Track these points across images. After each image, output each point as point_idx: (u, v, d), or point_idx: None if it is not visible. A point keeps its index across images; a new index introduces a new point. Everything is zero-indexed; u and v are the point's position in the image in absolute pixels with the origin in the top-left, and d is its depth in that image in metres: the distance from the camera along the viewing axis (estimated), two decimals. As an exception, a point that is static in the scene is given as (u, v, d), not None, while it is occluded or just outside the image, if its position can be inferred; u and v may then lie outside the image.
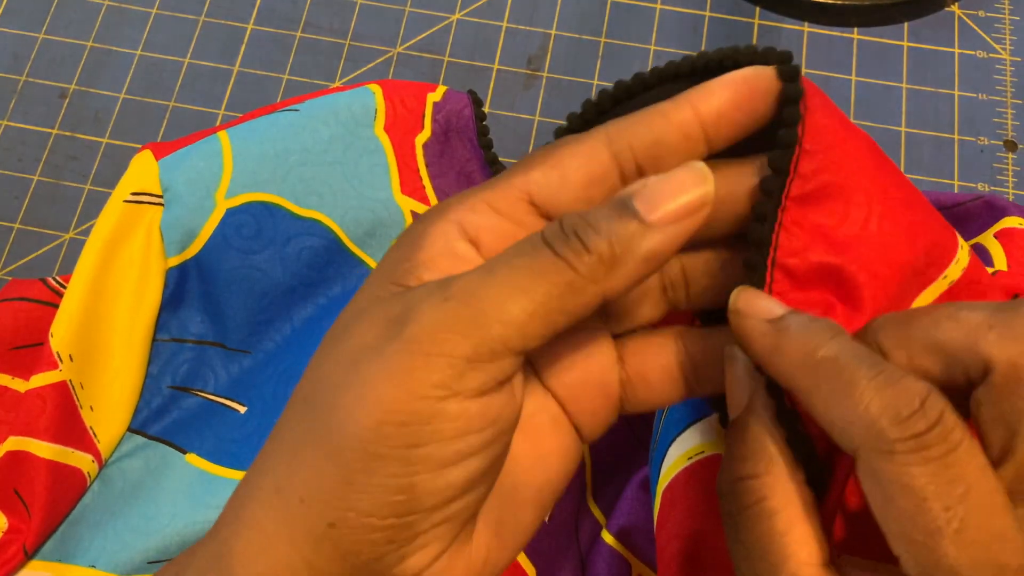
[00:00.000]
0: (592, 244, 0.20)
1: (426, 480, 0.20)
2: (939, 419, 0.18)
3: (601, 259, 0.20)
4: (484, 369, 0.20)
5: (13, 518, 0.34)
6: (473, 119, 0.38)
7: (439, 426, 0.19)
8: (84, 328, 0.36)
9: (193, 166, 0.37)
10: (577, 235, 0.20)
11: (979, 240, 0.35)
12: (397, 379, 0.19)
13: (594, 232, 0.20)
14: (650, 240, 0.20)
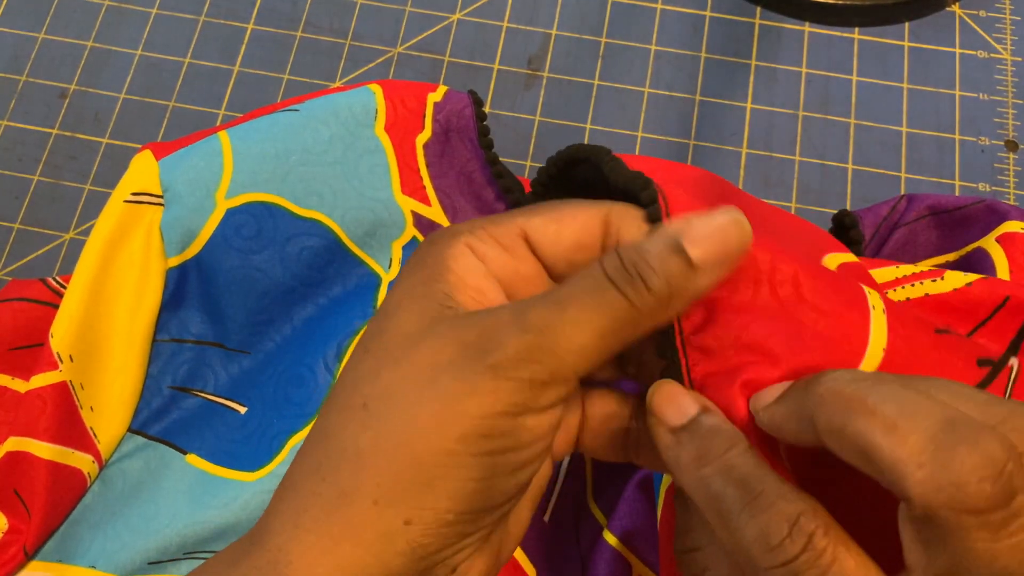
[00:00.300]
0: (653, 284, 0.22)
1: (501, 481, 0.22)
2: (808, 544, 0.19)
3: (660, 300, 0.22)
4: (555, 391, 0.22)
5: (13, 519, 0.34)
6: (474, 119, 0.38)
7: (517, 437, 0.22)
8: (84, 328, 0.36)
9: (193, 166, 0.36)
10: (640, 275, 0.22)
11: (980, 244, 0.35)
12: (482, 398, 0.22)
13: (653, 272, 0.22)
14: (699, 281, 0.23)
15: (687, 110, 0.46)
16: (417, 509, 0.22)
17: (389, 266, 0.39)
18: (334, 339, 0.37)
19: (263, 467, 0.36)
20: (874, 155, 0.45)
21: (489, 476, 0.22)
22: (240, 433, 0.37)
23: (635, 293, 0.22)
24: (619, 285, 0.22)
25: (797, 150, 0.45)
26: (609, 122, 0.46)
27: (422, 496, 0.22)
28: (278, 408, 0.37)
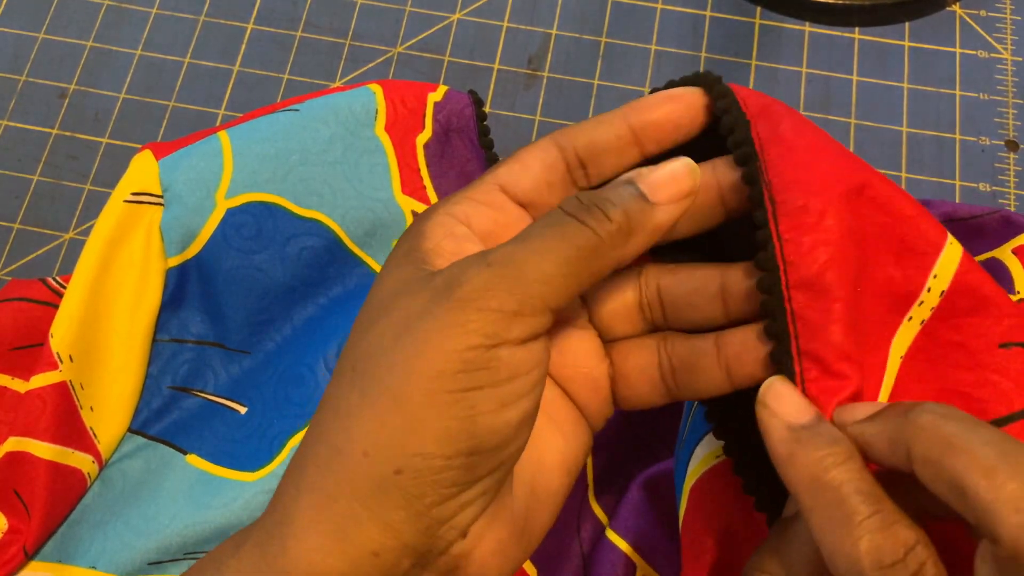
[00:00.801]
0: (612, 215, 0.23)
1: (487, 419, 0.22)
2: (918, 570, 0.20)
3: (620, 228, 0.23)
4: (527, 322, 0.22)
5: (13, 519, 0.34)
6: (474, 119, 0.38)
7: (494, 370, 0.22)
8: (84, 328, 0.36)
9: (193, 166, 0.36)
10: (598, 207, 0.23)
11: (995, 254, 0.35)
12: (453, 331, 0.22)
13: (612, 205, 0.23)
14: (657, 216, 0.24)
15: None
16: (407, 456, 0.21)
17: (389, 266, 0.39)
18: (334, 339, 0.37)
19: (263, 467, 0.36)
20: (874, 155, 0.45)
21: (470, 414, 0.22)
22: (240, 433, 0.37)
23: (595, 221, 0.23)
24: (578, 216, 0.23)
25: (797, 150, 0.45)
26: (609, 122, 0.46)
27: (408, 441, 0.21)
28: (278, 408, 0.37)
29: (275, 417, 0.37)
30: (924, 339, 0.26)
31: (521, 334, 0.22)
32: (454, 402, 0.22)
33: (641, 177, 0.24)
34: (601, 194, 0.24)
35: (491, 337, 0.22)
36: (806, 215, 0.23)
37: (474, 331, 0.22)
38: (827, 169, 0.24)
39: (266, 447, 0.36)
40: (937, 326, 0.25)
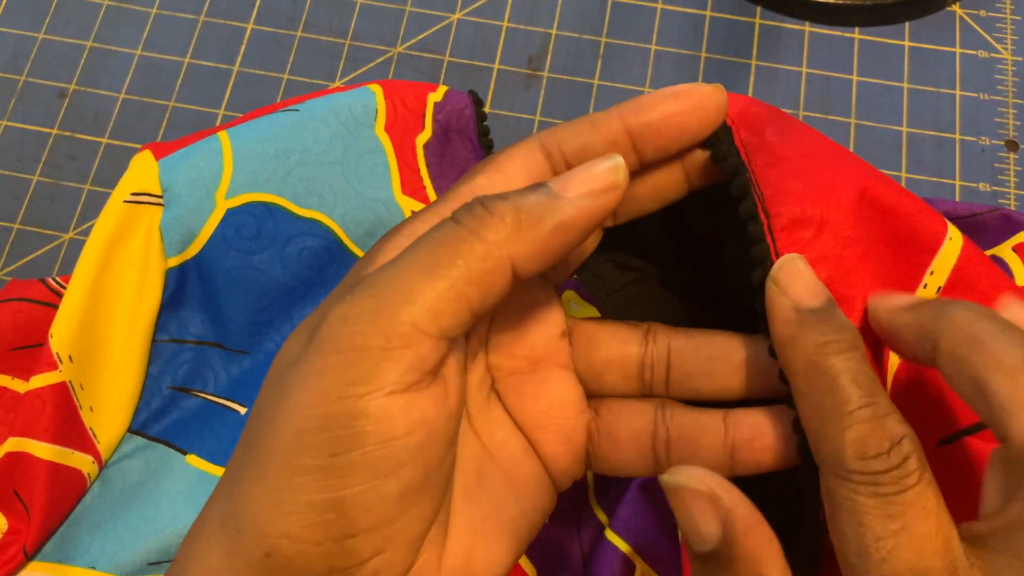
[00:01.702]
0: (497, 208, 0.20)
1: (356, 495, 0.18)
2: (901, 463, 0.19)
3: (503, 221, 0.20)
4: (400, 358, 0.18)
5: (13, 519, 0.34)
6: (474, 119, 0.38)
7: (361, 428, 0.18)
8: (84, 329, 0.36)
9: (193, 166, 0.36)
10: (483, 204, 0.20)
11: (995, 252, 0.35)
12: (310, 382, 0.18)
13: (501, 201, 0.20)
14: (561, 211, 0.20)
15: (687, 110, 0.46)
16: (274, 537, 0.18)
17: (389, 266, 0.39)
18: (334, 339, 0.37)
19: (263, 467, 0.36)
20: (874, 155, 0.45)
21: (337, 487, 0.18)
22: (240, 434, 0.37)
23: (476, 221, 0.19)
24: (460, 219, 0.20)
25: (797, 150, 0.45)
26: (609, 122, 0.46)
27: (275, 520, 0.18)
28: (278, 408, 0.37)
29: (275, 417, 0.37)
30: None
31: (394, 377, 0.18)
32: (316, 471, 0.18)
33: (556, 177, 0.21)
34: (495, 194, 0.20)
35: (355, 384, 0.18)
36: (804, 229, 0.22)
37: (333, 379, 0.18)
38: (820, 175, 0.23)
39: (266, 447, 0.36)
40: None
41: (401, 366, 0.18)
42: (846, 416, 0.20)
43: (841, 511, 0.20)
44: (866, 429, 0.20)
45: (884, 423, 0.20)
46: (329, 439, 0.18)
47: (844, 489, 0.20)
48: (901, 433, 0.20)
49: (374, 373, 0.18)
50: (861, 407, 0.20)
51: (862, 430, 0.20)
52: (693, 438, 0.24)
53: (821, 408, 0.20)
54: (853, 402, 0.20)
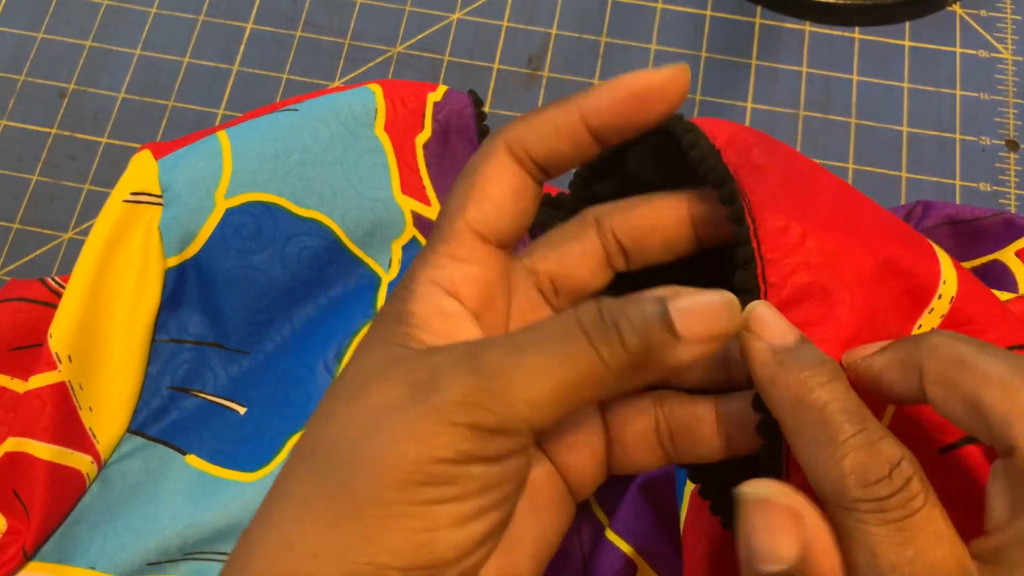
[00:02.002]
0: (629, 343, 0.21)
1: (447, 534, 0.20)
2: (903, 487, 0.19)
3: (633, 360, 0.21)
4: (506, 442, 0.21)
5: (12, 519, 0.34)
6: (474, 119, 0.38)
7: (462, 486, 0.20)
8: (83, 329, 0.36)
9: (192, 166, 0.36)
10: (617, 329, 0.21)
11: (998, 256, 0.35)
12: (423, 441, 0.20)
13: (632, 328, 0.21)
14: (681, 354, 0.21)
15: (687, 110, 0.46)
16: (356, 563, 0.20)
17: (389, 266, 0.38)
18: (334, 339, 0.37)
19: (263, 467, 0.36)
20: (875, 155, 0.45)
21: (432, 528, 0.20)
22: (240, 433, 0.37)
23: (608, 348, 0.21)
24: (591, 336, 0.21)
25: (798, 150, 0.45)
26: (609, 122, 0.46)
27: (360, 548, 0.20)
28: (278, 408, 0.37)
29: (274, 417, 0.37)
30: None
31: (497, 452, 0.21)
32: (414, 514, 0.20)
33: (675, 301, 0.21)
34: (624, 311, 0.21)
35: (463, 454, 0.20)
36: (787, 236, 0.23)
37: (445, 445, 0.20)
38: (803, 197, 0.24)
39: (265, 447, 0.36)
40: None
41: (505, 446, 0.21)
42: (840, 445, 0.20)
43: (852, 543, 0.19)
44: (863, 456, 0.19)
45: (880, 447, 0.20)
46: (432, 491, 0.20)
47: (851, 520, 0.19)
48: (899, 455, 0.20)
49: (482, 447, 0.20)
50: (854, 435, 0.20)
51: (859, 457, 0.19)
52: (691, 429, 0.25)
53: (814, 442, 0.20)
54: (845, 431, 0.20)
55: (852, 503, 0.19)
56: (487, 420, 0.20)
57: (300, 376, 0.37)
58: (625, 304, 0.21)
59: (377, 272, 0.38)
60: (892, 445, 0.20)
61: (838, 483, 0.20)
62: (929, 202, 0.38)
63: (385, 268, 0.38)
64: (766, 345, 0.22)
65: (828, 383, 0.21)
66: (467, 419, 0.20)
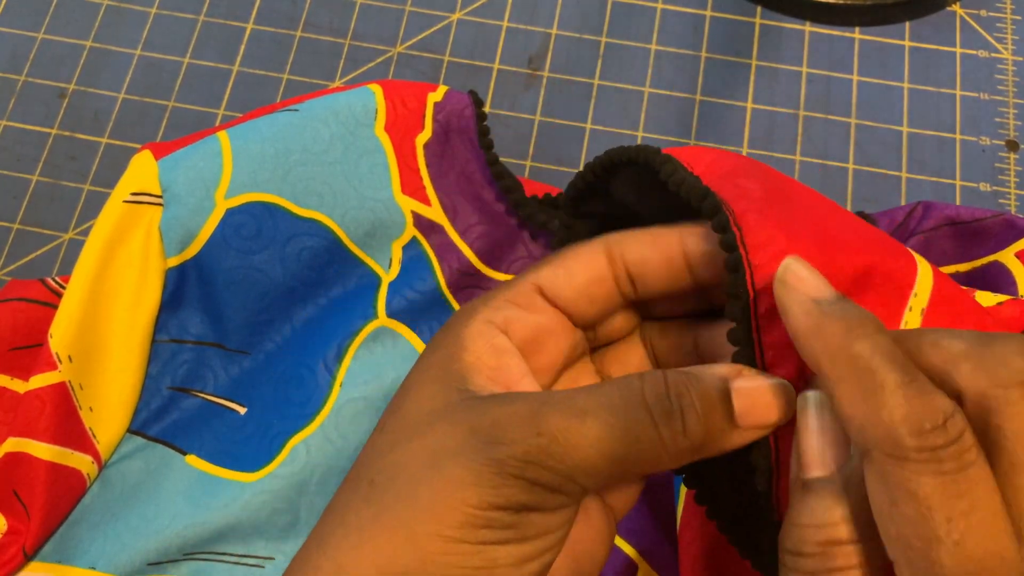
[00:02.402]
0: (691, 431, 0.22)
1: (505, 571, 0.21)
2: (958, 438, 0.19)
3: (693, 445, 0.22)
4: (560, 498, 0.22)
5: (12, 519, 0.34)
6: (474, 119, 0.38)
7: (520, 530, 0.21)
8: (83, 329, 0.36)
9: (193, 166, 0.36)
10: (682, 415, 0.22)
11: (997, 258, 0.35)
12: (486, 491, 0.21)
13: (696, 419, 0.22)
14: (735, 440, 0.22)
15: (687, 110, 0.46)
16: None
17: (389, 266, 0.38)
18: (334, 339, 0.37)
19: (263, 468, 0.36)
20: (875, 155, 0.45)
21: (490, 566, 0.21)
22: (240, 434, 0.37)
23: (670, 432, 0.22)
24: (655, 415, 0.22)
25: (798, 150, 0.45)
26: (609, 122, 0.46)
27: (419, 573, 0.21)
28: (278, 408, 0.37)
29: (275, 418, 0.37)
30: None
31: (553, 505, 0.22)
32: (474, 553, 0.21)
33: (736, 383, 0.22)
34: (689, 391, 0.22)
35: (521, 505, 0.21)
36: (773, 245, 0.23)
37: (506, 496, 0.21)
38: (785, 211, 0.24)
39: (266, 448, 0.36)
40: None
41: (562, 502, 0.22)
42: (891, 393, 0.19)
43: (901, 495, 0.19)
44: (917, 404, 0.19)
45: (933, 398, 0.19)
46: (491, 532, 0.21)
47: (903, 471, 0.19)
48: (951, 407, 0.19)
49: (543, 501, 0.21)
50: (907, 383, 0.19)
51: (913, 405, 0.19)
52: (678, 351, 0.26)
53: (862, 390, 0.20)
54: (896, 380, 0.19)
55: (906, 452, 0.19)
56: (545, 478, 0.21)
57: (300, 376, 0.37)
58: (690, 382, 0.22)
59: (377, 272, 0.38)
60: (944, 397, 0.19)
61: (890, 431, 0.19)
62: (929, 203, 0.38)
63: (385, 268, 0.38)
64: (806, 296, 0.22)
65: (874, 334, 0.20)
66: (527, 475, 0.21)
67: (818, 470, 0.21)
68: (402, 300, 0.38)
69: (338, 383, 0.37)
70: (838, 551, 0.20)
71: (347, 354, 0.37)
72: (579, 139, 0.45)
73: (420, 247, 0.38)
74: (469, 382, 0.23)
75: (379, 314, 0.38)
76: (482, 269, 0.39)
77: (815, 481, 0.21)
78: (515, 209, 0.38)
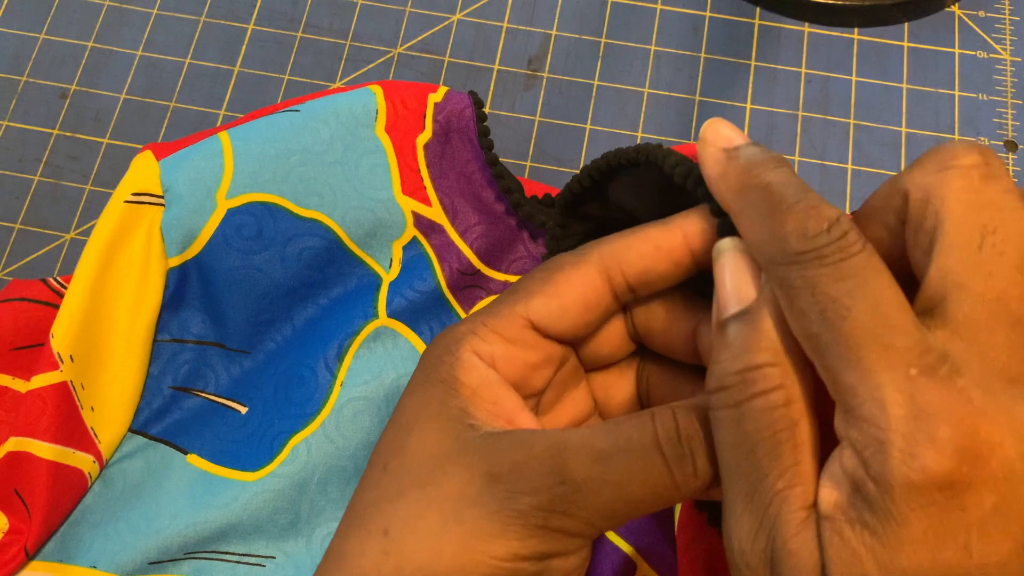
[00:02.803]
0: (701, 472, 0.22)
1: None
2: (841, 236, 0.20)
3: (704, 485, 0.22)
4: (581, 542, 0.22)
5: (14, 519, 0.34)
6: (474, 119, 0.38)
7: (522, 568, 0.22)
8: (85, 329, 0.36)
9: (194, 166, 0.37)
10: (692, 458, 0.22)
11: None
12: (509, 542, 0.21)
13: (706, 461, 0.22)
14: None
15: (687, 110, 0.46)
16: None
17: (389, 266, 0.39)
18: (335, 339, 0.37)
19: (264, 467, 0.36)
20: (874, 155, 0.45)
21: None
22: (241, 433, 0.37)
23: (682, 474, 0.22)
24: (668, 458, 0.22)
25: (797, 150, 0.45)
26: (609, 122, 0.46)
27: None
28: (279, 408, 0.37)
29: (276, 417, 0.37)
30: None
31: (574, 549, 0.22)
32: None
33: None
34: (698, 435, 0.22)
35: (546, 554, 0.22)
36: None
37: (530, 547, 0.21)
38: None
39: (266, 447, 0.37)
40: None
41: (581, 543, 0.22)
42: (783, 212, 0.20)
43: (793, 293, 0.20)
44: (803, 215, 0.20)
45: (820, 208, 0.20)
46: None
47: (793, 272, 0.20)
48: (836, 214, 0.20)
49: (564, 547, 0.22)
50: (796, 201, 0.21)
51: (799, 217, 0.20)
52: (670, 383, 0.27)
53: (759, 215, 0.21)
54: (787, 199, 0.21)
55: (793, 256, 0.20)
56: (568, 526, 0.21)
57: (301, 376, 0.37)
58: (699, 421, 0.22)
59: (378, 272, 0.39)
60: (830, 207, 0.20)
61: (781, 244, 0.20)
62: None
63: (386, 268, 0.39)
64: (717, 148, 0.23)
65: (774, 169, 0.22)
66: (551, 524, 0.21)
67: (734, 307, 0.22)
68: (402, 300, 0.38)
69: (339, 383, 0.37)
70: (757, 375, 0.21)
71: (348, 354, 0.37)
72: (579, 139, 0.45)
73: (420, 247, 0.38)
74: (470, 416, 0.23)
75: (380, 314, 0.38)
76: (482, 269, 0.39)
77: (729, 318, 0.22)
78: (515, 209, 0.38)
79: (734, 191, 0.22)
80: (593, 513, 0.22)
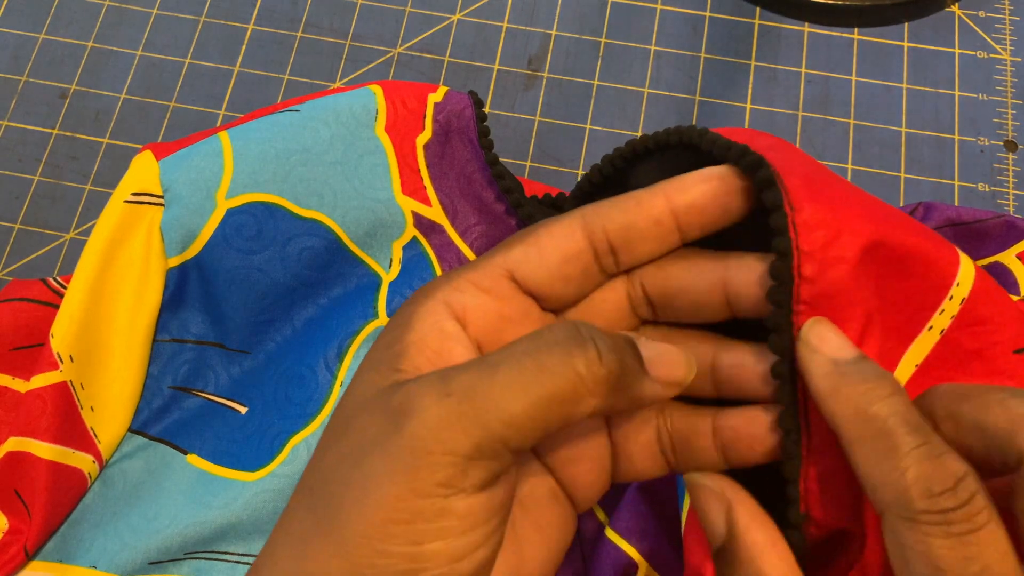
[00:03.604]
0: (606, 358, 0.21)
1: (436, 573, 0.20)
2: (969, 500, 0.19)
3: (609, 376, 0.21)
4: (486, 466, 0.20)
5: (14, 519, 0.34)
6: (474, 119, 0.38)
7: (446, 523, 0.20)
8: (84, 329, 0.36)
9: (194, 166, 0.37)
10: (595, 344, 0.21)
11: (998, 259, 0.36)
12: (400, 477, 0.20)
13: (609, 349, 0.21)
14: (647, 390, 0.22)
15: (687, 110, 0.46)
16: None
17: (389, 266, 0.39)
18: (335, 339, 0.37)
19: (264, 467, 0.36)
20: (873, 155, 0.45)
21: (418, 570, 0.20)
22: (241, 433, 0.37)
23: (584, 361, 0.21)
24: (568, 348, 0.21)
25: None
26: (609, 122, 0.46)
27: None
28: (279, 408, 0.37)
29: (276, 417, 0.37)
30: (942, 347, 0.25)
31: (478, 480, 0.20)
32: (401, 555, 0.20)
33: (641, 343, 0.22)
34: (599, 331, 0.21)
35: (443, 487, 0.20)
36: (824, 228, 0.22)
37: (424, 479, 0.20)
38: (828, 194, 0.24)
39: (266, 447, 0.37)
40: (956, 335, 0.25)
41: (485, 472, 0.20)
42: (904, 456, 0.20)
43: (912, 555, 0.19)
44: (928, 467, 0.19)
45: (945, 460, 0.19)
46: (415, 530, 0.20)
47: (914, 533, 0.19)
48: (963, 470, 0.19)
49: (462, 477, 0.20)
50: (917, 446, 0.20)
51: (924, 468, 0.19)
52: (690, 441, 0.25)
53: (875, 453, 0.20)
54: (908, 442, 0.20)
55: (916, 514, 0.19)
56: (463, 445, 0.20)
57: (301, 376, 0.37)
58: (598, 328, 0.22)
59: (378, 272, 0.39)
60: (956, 460, 0.20)
61: (901, 494, 0.19)
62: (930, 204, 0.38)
63: (386, 268, 0.39)
64: (827, 358, 0.22)
65: (890, 396, 0.21)
66: (443, 447, 0.20)
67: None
68: (403, 300, 0.38)
69: (339, 383, 0.37)
70: None
71: (348, 354, 0.37)
72: (579, 139, 0.45)
73: (420, 247, 0.38)
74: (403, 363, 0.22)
75: (380, 314, 0.38)
76: (482, 269, 0.39)
77: None
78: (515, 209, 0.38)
79: (848, 416, 0.21)
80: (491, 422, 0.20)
